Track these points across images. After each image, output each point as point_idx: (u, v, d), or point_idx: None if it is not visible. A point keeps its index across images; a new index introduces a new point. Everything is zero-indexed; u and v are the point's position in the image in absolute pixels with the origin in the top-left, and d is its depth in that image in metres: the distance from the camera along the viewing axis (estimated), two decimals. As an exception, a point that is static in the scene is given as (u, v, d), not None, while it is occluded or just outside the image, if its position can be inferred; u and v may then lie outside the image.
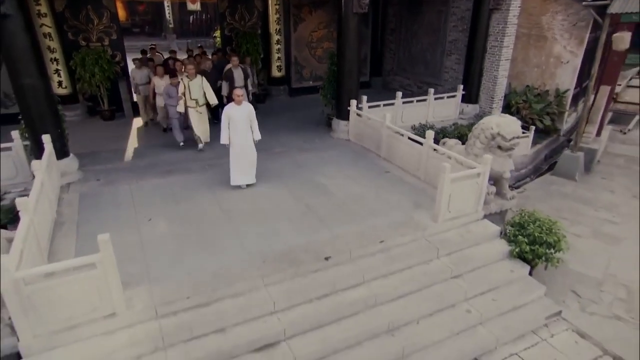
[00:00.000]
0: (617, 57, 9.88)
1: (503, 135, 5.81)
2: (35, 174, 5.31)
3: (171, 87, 8.29)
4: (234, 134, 6.33)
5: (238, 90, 6.42)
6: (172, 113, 8.38)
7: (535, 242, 5.54)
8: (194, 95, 8.01)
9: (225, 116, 6.28)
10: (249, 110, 6.38)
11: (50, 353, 3.79)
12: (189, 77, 7.96)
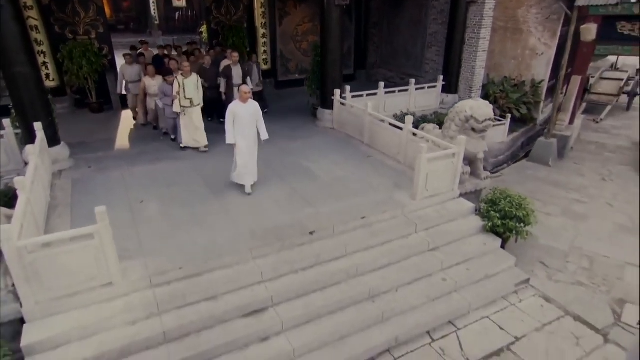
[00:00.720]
0: (586, 48, 10.40)
1: (476, 117, 6.20)
2: (29, 157, 5.51)
3: (167, 86, 7.85)
4: (239, 133, 5.97)
5: (245, 87, 6.05)
6: (168, 113, 8.02)
7: (506, 216, 5.95)
8: (189, 94, 7.54)
9: (230, 114, 5.89)
10: (255, 108, 6.04)
11: (51, 319, 4.03)
12: (184, 74, 7.52)
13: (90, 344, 3.94)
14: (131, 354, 4.00)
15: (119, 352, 3.95)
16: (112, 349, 3.92)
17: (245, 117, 5.94)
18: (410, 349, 4.71)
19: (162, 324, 4.19)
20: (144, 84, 8.71)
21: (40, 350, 3.83)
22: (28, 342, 3.80)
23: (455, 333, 4.95)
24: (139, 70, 9.51)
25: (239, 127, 5.95)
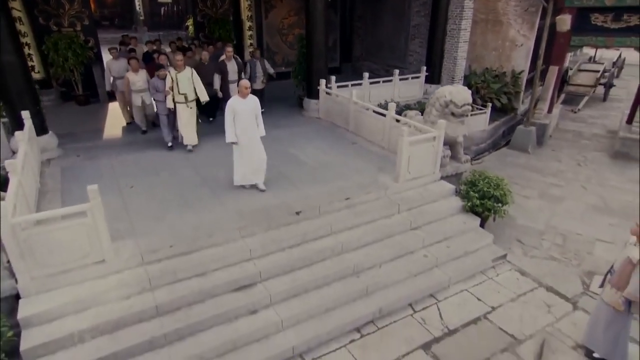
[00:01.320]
0: (562, 39, 10.76)
1: (455, 102, 6.46)
2: (18, 144, 5.58)
3: (158, 80, 7.41)
4: (240, 130, 5.68)
5: (246, 82, 5.71)
6: (160, 109, 7.56)
7: (484, 196, 6.23)
8: (183, 89, 7.14)
9: (229, 110, 5.58)
10: (255, 103, 5.74)
11: (46, 294, 4.16)
12: (176, 68, 7.13)
13: (85, 317, 4.09)
14: (125, 326, 4.15)
15: (113, 324, 4.10)
16: (106, 320, 4.08)
17: (245, 113, 5.64)
18: (393, 319, 4.95)
19: (155, 299, 4.35)
20: (127, 79, 8.07)
21: (37, 322, 3.96)
22: (25, 314, 3.93)
23: (436, 305, 5.21)
24: (126, 65, 8.86)
25: (239, 123, 5.64)
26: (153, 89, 7.58)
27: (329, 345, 4.56)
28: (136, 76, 8.08)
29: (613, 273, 4.09)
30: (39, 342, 3.81)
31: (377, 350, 4.51)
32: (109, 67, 8.97)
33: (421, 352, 4.51)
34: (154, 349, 4.10)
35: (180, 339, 4.23)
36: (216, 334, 4.32)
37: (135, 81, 8.06)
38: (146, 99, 8.14)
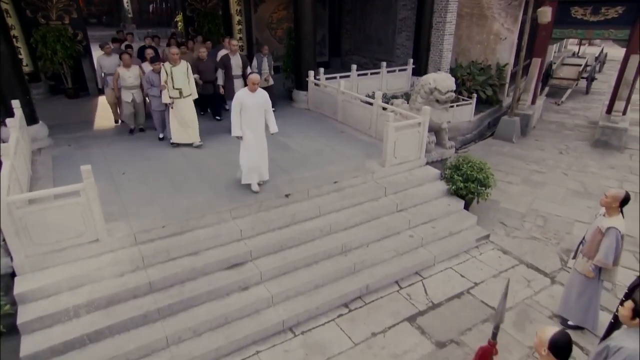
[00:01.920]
0: (544, 32, 11.06)
1: (439, 89, 6.66)
2: (10, 130, 5.64)
3: (153, 74, 7.14)
4: (247, 125, 5.42)
5: (255, 76, 5.42)
6: (155, 105, 7.34)
7: (468, 179, 6.45)
8: (178, 84, 6.84)
9: (236, 104, 5.32)
10: (264, 97, 5.50)
11: (41, 272, 4.26)
12: (171, 62, 6.85)
13: (80, 293, 4.19)
14: (120, 302, 4.27)
15: (107, 299, 4.22)
16: (101, 296, 4.19)
17: (253, 108, 5.39)
18: (380, 295, 5.14)
19: (148, 276, 4.47)
20: (117, 75, 7.65)
21: (33, 298, 4.06)
22: (21, 290, 4.03)
23: (421, 282, 5.41)
24: (118, 61, 8.37)
25: (246, 118, 5.40)
26: (148, 84, 7.30)
27: (317, 320, 4.72)
28: (127, 72, 7.66)
29: (584, 244, 4.32)
30: (35, 316, 3.92)
31: (365, 323, 4.69)
32: (100, 63, 8.54)
33: (406, 324, 4.70)
34: (148, 323, 4.22)
35: (174, 314, 4.35)
36: (208, 309, 4.45)
37: (126, 77, 7.64)
38: (137, 96, 7.77)
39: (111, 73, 8.20)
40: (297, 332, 4.57)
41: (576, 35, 11.08)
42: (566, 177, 8.58)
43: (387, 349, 4.34)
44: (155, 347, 4.08)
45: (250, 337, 4.36)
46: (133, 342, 4.02)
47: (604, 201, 4.09)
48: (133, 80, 7.71)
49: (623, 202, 3.99)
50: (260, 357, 4.25)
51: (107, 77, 8.38)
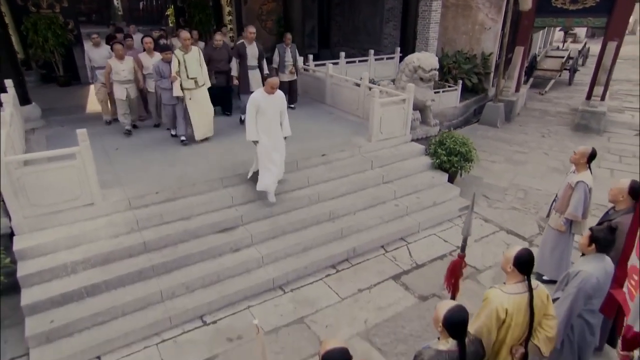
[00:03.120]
0: (527, 20, 11.42)
1: (423, 67, 6.93)
2: (4, 105, 5.77)
3: (163, 64, 6.39)
4: (263, 128, 5.06)
5: (275, 79, 4.97)
6: (166, 99, 6.55)
7: (451, 153, 6.71)
8: (192, 73, 6.20)
9: (252, 106, 4.93)
10: (281, 99, 5.17)
11: (39, 232, 4.41)
12: (183, 49, 6.18)
13: (77, 251, 4.35)
14: (115, 260, 4.44)
15: (104, 257, 4.38)
16: (97, 254, 4.35)
17: (270, 110, 5.04)
18: (366, 258, 5.36)
19: (142, 237, 4.65)
20: (109, 67, 6.84)
21: (31, 255, 4.22)
22: (20, 247, 4.18)
23: (406, 246, 5.65)
24: (108, 53, 7.50)
25: (262, 121, 5.04)
26: (157, 75, 6.52)
27: (306, 279, 4.93)
28: (120, 64, 6.80)
29: (557, 200, 4.59)
30: (34, 271, 4.07)
31: (352, 281, 4.91)
32: (90, 55, 7.65)
33: (391, 281, 4.93)
34: (143, 280, 4.39)
35: (168, 271, 4.53)
36: (201, 268, 4.64)
37: (119, 70, 6.81)
38: (132, 92, 7.02)
39: (101, 66, 7.32)
40: (286, 290, 4.77)
41: (557, 23, 11.46)
42: (547, 157, 8.90)
43: (372, 302, 4.57)
44: (150, 300, 4.25)
45: (241, 292, 4.55)
46: (129, 295, 4.19)
47: (573, 158, 4.36)
48: (127, 74, 6.88)
49: (590, 158, 4.26)
50: (251, 311, 4.45)
51: (96, 71, 7.52)
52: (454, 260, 3.11)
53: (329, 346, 2.07)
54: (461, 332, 2.22)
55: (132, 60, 6.96)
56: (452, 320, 2.21)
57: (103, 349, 3.85)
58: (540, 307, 2.68)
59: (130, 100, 7.08)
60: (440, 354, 2.20)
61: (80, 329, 3.92)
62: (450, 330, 2.22)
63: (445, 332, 2.25)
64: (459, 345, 2.21)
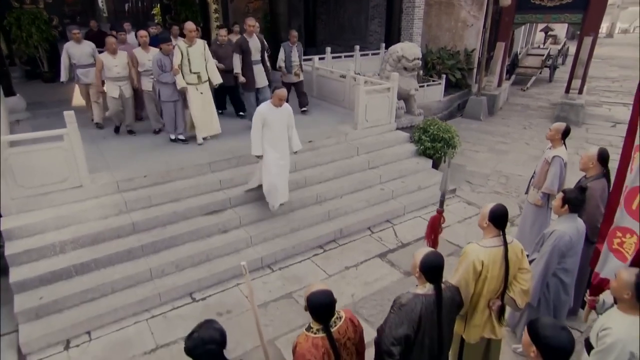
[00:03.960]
0: (507, 17, 11.76)
1: (406, 57, 7.10)
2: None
3: (164, 57, 5.85)
4: (269, 142, 4.85)
5: (283, 91, 4.77)
6: (166, 95, 5.97)
7: (435, 139, 6.89)
8: (196, 67, 5.82)
9: (258, 119, 4.72)
10: (289, 112, 4.95)
11: (26, 214, 4.42)
12: (187, 41, 5.81)
13: (65, 232, 4.37)
14: (104, 240, 4.47)
15: (92, 237, 4.41)
16: (86, 234, 4.38)
17: (277, 124, 4.83)
18: (353, 238, 5.48)
19: (131, 218, 4.69)
20: (101, 63, 6.22)
21: (19, 235, 4.22)
22: (7, 227, 4.19)
23: (392, 227, 5.78)
24: (91, 50, 6.85)
25: (269, 135, 4.83)
26: (159, 69, 5.86)
27: (294, 258, 5.03)
28: (113, 59, 6.23)
29: (535, 177, 4.77)
30: (23, 249, 4.08)
31: (339, 260, 5.02)
32: (68, 51, 6.75)
33: (378, 259, 5.05)
34: (132, 259, 4.43)
35: (157, 251, 4.57)
36: (190, 248, 4.70)
37: (111, 66, 6.20)
38: (125, 90, 6.38)
39: (83, 65, 6.73)
40: (274, 268, 4.86)
41: (536, 19, 11.82)
42: (528, 146, 9.16)
43: (359, 278, 4.68)
44: (139, 278, 4.29)
45: (230, 271, 4.62)
46: (118, 274, 4.23)
47: (549, 134, 4.55)
48: (120, 70, 6.27)
49: (565, 134, 4.46)
50: (240, 288, 4.52)
51: (77, 70, 6.77)
52: (433, 216, 3.24)
53: (314, 288, 2.18)
54: (437, 276, 2.33)
55: (126, 56, 6.33)
56: (428, 264, 2.32)
57: (93, 324, 3.88)
58: (515, 261, 2.82)
59: (124, 99, 6.40)
60: (418, 297, 2.32)
61: (70, 305, 3.94)
62: (427, 274, 2.33)
63: (423, 277, 2.36)
64: (435, 290, 2.33)
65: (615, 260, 2.53)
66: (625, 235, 2.44)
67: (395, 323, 2.27)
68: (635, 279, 2.18)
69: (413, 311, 2.27)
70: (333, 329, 2.21)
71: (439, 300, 2.32)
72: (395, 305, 2.34)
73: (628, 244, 2.44)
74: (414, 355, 2.32)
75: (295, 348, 2.19)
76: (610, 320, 2.31)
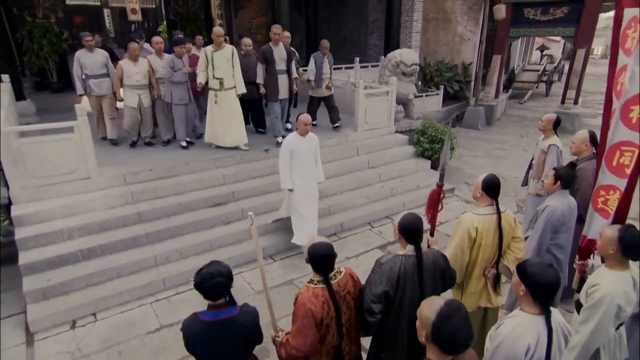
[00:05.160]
0: (502, 31, 12.14)
1: (405, 62, 7.36)
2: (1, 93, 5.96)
3: (177, 59, 5.75)
4: (297, 174, 4.67)
5: (305, 116, 4.60)
6: (176, 97, 5.82)
7: (433, 141, 7.06)
8: (219, 72, 5.64)
9: (286, 150, 4.56)
10: (315, 142, 4.79)
11: (36, 203, 4.55)
12: (215, 46, 5.65)
13: (73, 220, 4.49)
14: (110, 228, 4.58)
15: (99, 225, 4.52)
16: (93, 222, 4.50)
17: (305, 154, 4.65)
18: (353, 232, 5.58)
19: (137, 209, 4.81)
20: (121, 70, 5.75)
21: (29, 222, 4.34)
22: (18, 213, 4.31)
23: (392, 222, 5.87)
24: (104, 59, 6.09)
25: (297, 167, 4.65)
26: (169, 69, 5.71)
27: (295, 249, 5.11)
28: (134, 66, 5.76)
29: (532, 168, 4.91)
30: (32, 234, 4.20)
31: (339, 251, 4.95)
32: (79, 60, 6.02)
33: (377, 250, 5.14)
34: (137, 247, 4.53)
35: (161, 240, 4.68)
36: (194, 237, 4.80)
37: (133, 73, 5.74)
38: (144, 99, 5.92)
39: (95, 75, 6.01)
40: (276, 259, 4.95)
41: (530, 33, 12.19)
42: (525, 152, 9.32)
43: (359, 267, 4.74)
44: (144, 265, 4.38)
45: (233, 259, 4.70)
46: (124, 260, 4.33)
47: (541, 125, 4.72)
48: (140, 78, 5.84)
49: (556, 124, 4.63)
50: (243, 276, 4.60)
51: (89, 80, 6.04)
52: (433, 189, 3.35)
53: (315, 240, 2.29)
54: (415, 237, 2.37)
55: (146, 63, 5.88)
56: (405, 225, 2.39)
57: (98, 306, 3.96)
58: (508, 229, 2.93)
59: (142, 109, 5.97)
60: (397, 257, 2.39)
61: (76, 288, 4.03)
62: (405, 235, 2.38)
63: (402, 239, 2.43)
64: (415, 250, 2.38)
65: (601, 219, 2.64)
66: (609, 192, 2.56)
67: (375, 281, 2.35)
68: (618, 234, 2.29)
69: (392, 270, 2.34)
70: (333, 281, 2.32)
71: (419, 261, 2.36)
72: (376, 264, 2.43)
73: (612, 200, 2.55)
74: (393, 314, 2.38)
75: (297, 298, 2.29)
76: (598, 277, 2.40)
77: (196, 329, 2.04)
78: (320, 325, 2.26)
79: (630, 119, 2.35)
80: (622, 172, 2.47)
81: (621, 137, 2.42)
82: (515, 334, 1.89)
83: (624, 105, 2.35)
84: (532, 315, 1.92)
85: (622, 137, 2.41)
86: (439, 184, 3.26)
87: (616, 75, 2.50)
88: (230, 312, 2.08)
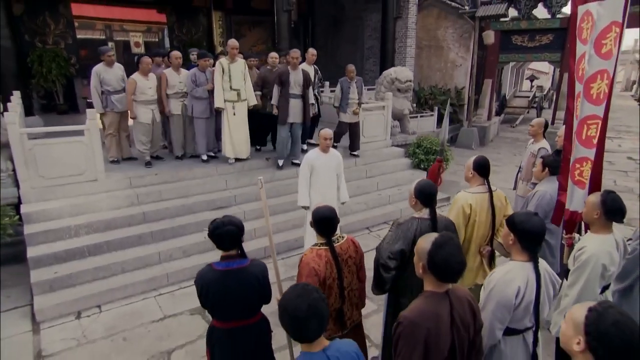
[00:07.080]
0: (492, 57, 12.73)
1: (399, 79, 7.73)
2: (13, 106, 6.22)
3: (200, 73, 5.80)
4: (315, 191, 4.46)
5: (325, 131, 4.45)
6: (198, 111, 5.83)
7: (428, 152, 7.31)
8: (236, 84, 5.72)
9: (306, 166, 4.40)
10: (338, 160, 4.54)
11: (45, 202, 4.69)
12: (229, 58, 5.78)
13: (80, 218, 4.63)
14: (116, 227, 4.71)
15: (105, 224, 4.65)
16: (99, 220, 4.63)
17: (325, 171, 4.42)
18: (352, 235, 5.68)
19: (142, 209, 4.96)
20: (134, 85, 5.59)
21: (37, 219, 4.47)
22: (27, 210, 4.45)
23: (389, 228, 6.01)
24: (122, 73, 5.87)
25: (316, 184, 4.44)
26: (191, 83, 5.74)
27: (296, 250, 5.23)
28: (147, 81, 5.70)
29: (522, 171, 5.13)
30: (40, 230, 4.32)
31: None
32: (99, 75, 5.68)
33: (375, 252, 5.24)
34: (142, 244, 4.64)
35: (166, 239, 4.80)
36: (197, 237, 4.92)
37: (146, 88, 5.66)
38: (157, 115, 5.87)
39: (117, 90, 5.72)
40: (277, 258, 5.03)
41: (518, 58, 12.77)
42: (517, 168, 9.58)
43: (359, 266, 4.85)
44: (148, 261, 4.48)
45: (235, 258, 4.79)
46: (129, 256, 4.43)
47: (532, 130, 4.99)
48: (153, 93, 5.78)
49: (545, 128, 4.89)
50: (244, 274, 4.67)
51: (111, 96, 5.68)
52: (433, 164, 3.53)
53: (319, 205, 2.46)
54: (430, 200, 2.61)
55: (155, 78, 5.85)
56: (421, 189, 2.63)
57: (103, 298, 4.03)
58: (500, 207, 3.11)
59: (155, 125, 5.88)
60: (414, 219, 2.59)
61: (82, 281, 4.11)
62: (421, 198, 2.62)
63: (418, 203, 2.64)
64: (430, 213, 2.59)
65: (579, 190, 2.82)
66: (582, 164, 2.77)
67: (392, 239, 2.52)
68: (600, 198, 2.47)
69: (409, 230, 2.53)
70: (336, 244, 2.47)
71: (434, 223, 2.57)
72: (394, 225, 2.61)
73: (586, 171, 2.75)
74: (408, 272, 2.53)
75: (302, 259, 2.42)
76: (584, 241, 2.56)
77: (210, 277, 2.17)
78: (323, 286, 2.39)
79: (592, 95, 2.64)
80: (590, 143, 2.73)
81: (586, 112, 2.69)
82: (506, 278, 2.03)
83: (585, 84, 2.64)
84: (521, 262, 2.06)
85: (587, 112, 2.69)
86: (438, 159, 3.45)
87: (577, 63, 2.80)
88: (242, 262, 2.23)
